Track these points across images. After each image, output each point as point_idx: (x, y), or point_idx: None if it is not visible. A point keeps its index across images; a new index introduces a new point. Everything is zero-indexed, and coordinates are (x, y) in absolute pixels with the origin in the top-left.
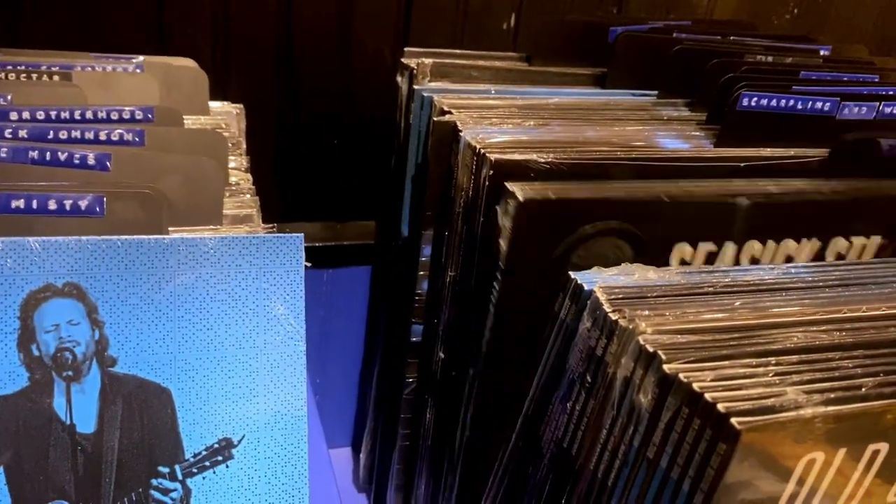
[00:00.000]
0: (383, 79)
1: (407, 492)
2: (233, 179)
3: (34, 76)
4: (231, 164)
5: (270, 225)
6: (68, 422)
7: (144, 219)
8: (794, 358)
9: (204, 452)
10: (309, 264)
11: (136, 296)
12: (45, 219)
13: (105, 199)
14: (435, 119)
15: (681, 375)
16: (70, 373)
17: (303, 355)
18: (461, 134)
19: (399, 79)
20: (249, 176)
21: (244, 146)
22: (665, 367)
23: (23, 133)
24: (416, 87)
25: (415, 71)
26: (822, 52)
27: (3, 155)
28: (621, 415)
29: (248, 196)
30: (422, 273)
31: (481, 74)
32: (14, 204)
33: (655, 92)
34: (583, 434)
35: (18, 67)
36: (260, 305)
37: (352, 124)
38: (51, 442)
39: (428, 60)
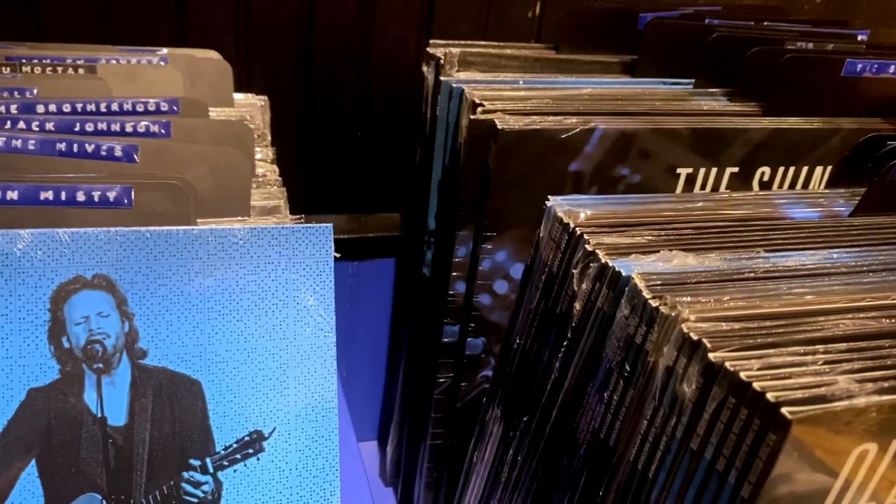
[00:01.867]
0: (407, 69)
1: (437, 489)
2: (259, 171)
3: (59, 69)
4: (257, 156)
5: (298, 216)
6: (99, 414)
7: (172, 210)
8: (843, 346)
9: (235, 445)
10: (338, 255)
11: (165, 287)
12: (73, 210)
13: (133, 190)
14: (472, 118)
15: (727, 364)
16: (100, 365)
17: (333, 346)
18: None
19: (425, 69)
20: (275, 167)
21: (269, 138)
22: (710, 355)
23: (49, 126)
24: (443, 77)
25: (441, 61)
26: (860, 38)
27: (31, 147)
28: (663, 405)
29: (275, 187)
30: (456, 274)
31: (509, 63)
32: (43, 196)
33: (690, 80)
34: (621, 425)
35: (44, 61)
36: (289, 296)
37: (376, 116)
38: (82, 435)
39: (455, 49)
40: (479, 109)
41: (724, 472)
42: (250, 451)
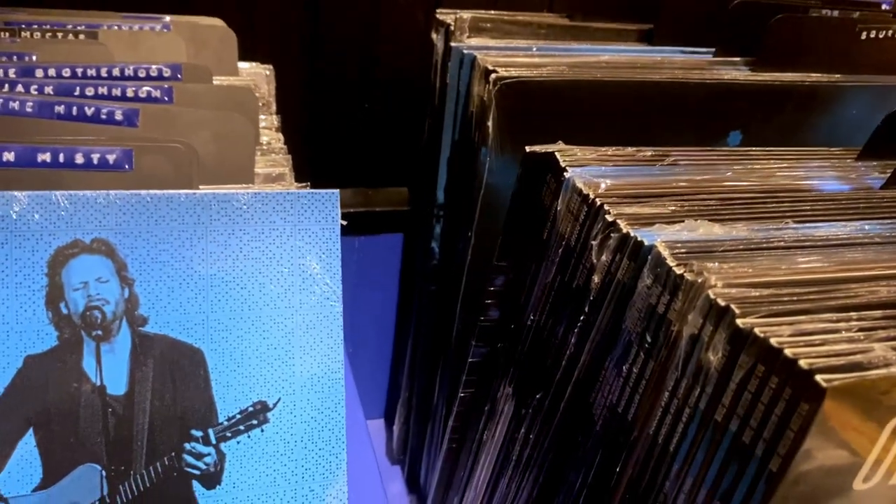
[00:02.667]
0: (416, 38)
1: (444, 468)
2: (264, 139)
3: (59, 35)
4: (262, 124)
5: (304, 183)
6: (98, 383)
7: (174, 174)
8: (878, 313)
9: (238, 416)
10: (345, 222)
11: (166, 253)
12: (72, 173)
13: (134, 152)
14: (528, 150)
15: (756, 330)
16: (99, 332)
17: (339, 316)
18: None
19: (434, 36)
20: (280, 135)
21: (274, 106)
22: (738, 321)
23: (48, 90)
24: (453, 44)
25: (451, 27)
26: (883, 7)
27: (29, 109)
28: (686, 375)
29: (280, 155)
30: (490, 301)
31: (521, 30)
32: (40, 158)
33: (710, 49)
34: (641, 398)
35: (44, 26)
36: (295, 264)
37: (383, 86)
38: (81, 403)
39: (466, 15)
40: (490, 73)
41: (751, 445)
42: (254, 422)
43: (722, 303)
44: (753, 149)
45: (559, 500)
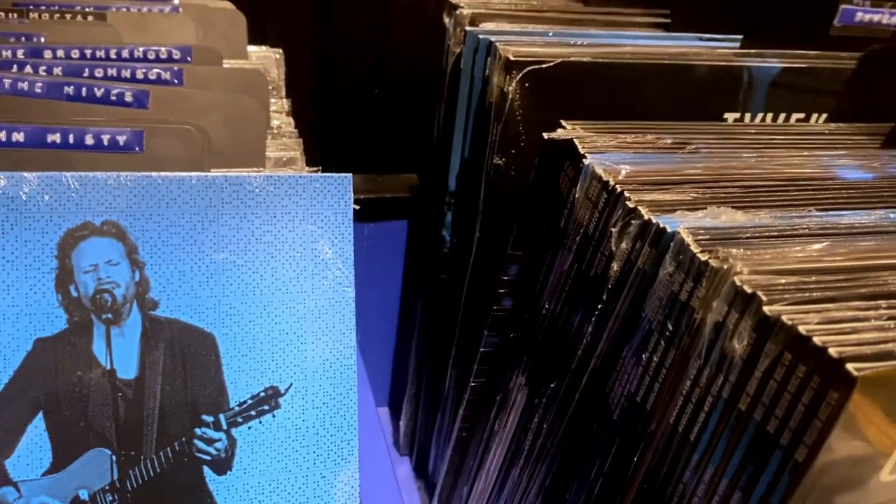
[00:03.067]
0: (428, 22)
1: (453, 459)
2: (274, 123)
3: (68, 16)
4: (272, 107)
5: (315, 167)
6: (108, 367)
7: (185, 156)
8: None
9: (250, 401)
10: (357, 206)
11: (177, 236)
12: (81, 154)
13: (144, 134)
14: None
15: (783, 317)
16: (109, 315)
17: (352, 302)
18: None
19: (446, 20)
20: (291, 119)
21: (284, 91)
22: (765, 308)
23: (57, 70)
24: (468, 28)
25: (463, 11)
26: None
27: (38, 90)
28: (709, 364)
29: (291, 139)
30: (503, 291)
31: (535, 15)
32: (50, 138)
33: (736, 37)
34: (661, 387)
35: (52, 8)
36: (307, 248)
37: (394, 72)
38: (90, 387)
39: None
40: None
41: (776, 434)
42: (265, 407)
43: (748, 290)
44: (776, 137)
45: (573, 489)
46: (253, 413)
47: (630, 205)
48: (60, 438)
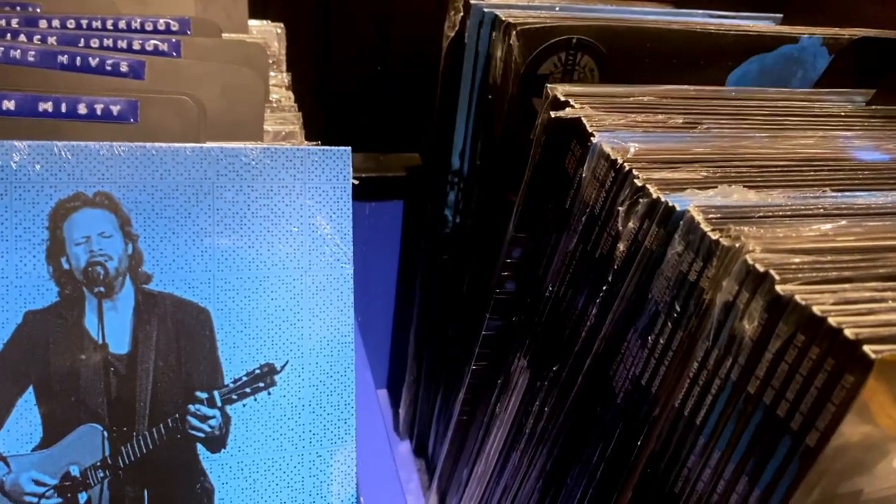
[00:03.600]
0: None
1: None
2: (274, 96)
3: None
4: (271, 81)
5: (315, 142)
6: (100, 341)
7: (180, 128)
8: None
9: (245, 378)
10: (356, 181)
11: (172, 209)
12: (74, 124)
13: (139, 104)
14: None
15: (797, 297)
16: (102, 289)
17: (350, 279)
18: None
19: None
20: (291, 94)
21: (285, 65)
22: (778, 288)
23: (52, 40)
24: (473, 1)
25: None
26: None
27: (31, 59)
28: (717, 345)
29: (290, 113)
30: (506, 274)
31: None
32: (42, 107)
33: (768, 15)
34: (666, 369)
35: None
36: (305, 223)
37: (397, 48)
38: (82, 362)
39: None
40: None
41: (786, 418)
42: (261, 384)
43: (760, 268)
44: (789, 118)
45: (574, 473)
46: (248, 390)
47: (638, 183)
48: (51, 413)
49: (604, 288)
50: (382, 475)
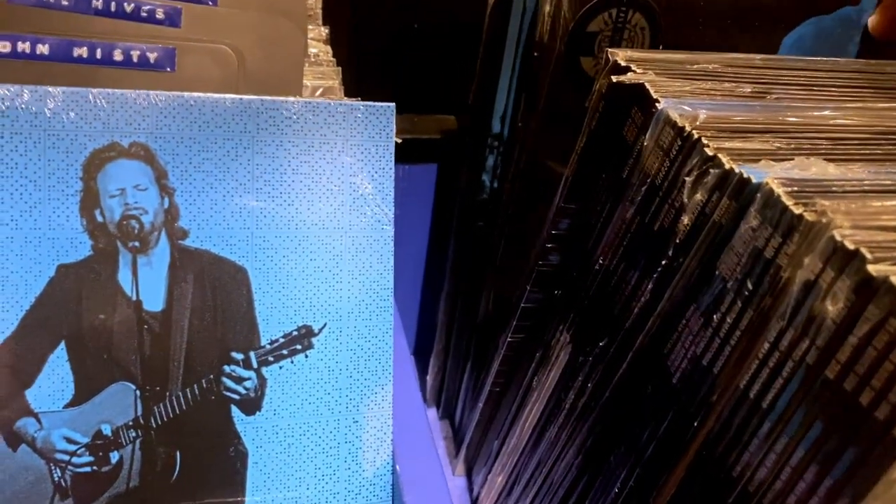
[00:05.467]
0: None
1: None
2: (312, 50)
3: None
4: (309, 35)
5: (356, 98)
6: (134, 297)
7: (219, 78)
8: None
9: (282, 340)
10: (399, 140)
11: (210, 162)
12: (109, 71)
13: (176, 52)
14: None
15: (892, 279)
16: (136, 243)
17: (391, 240)
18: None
19: None
20: (329, 48)
21: (321, 19)
22: (869, 267)
23: None
24: None
25: None
26: None
27: (65, 3)
28: (793, 326)
29: (329, 67)
30: (551, 245)
31: None
32: (76, 52)
33: None
34: (732, 349)
35: None
36: (346, 182)
37: (434, 4)
38: (115, 318)
39: None
40: None
41: (870, 407)
42: (298, 347)
43: (850, 246)
44: (863, 89)
45: (620, 451)
46: (285, 352)
47: (709, 153)
48: (83, 370)
49: (663, 263)
50: (418, 443)
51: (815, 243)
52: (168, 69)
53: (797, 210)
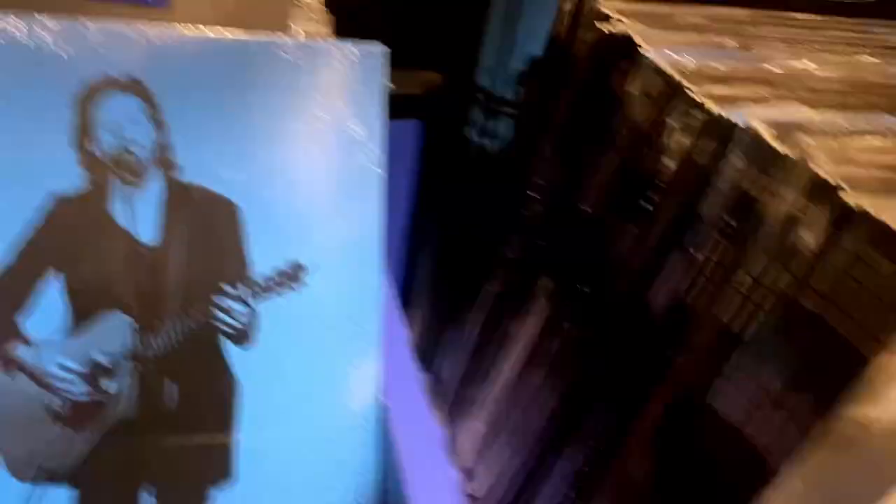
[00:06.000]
0: None
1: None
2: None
3: None
4: None
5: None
6: (128, 230)
7: (212, 15)
8: None
9: (274, 275)
10: (392, 86)
11: (203, 99)
12: (98, 5)
13: None
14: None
15: (869, 209)
16: (130, 176)
17: (381, 182)
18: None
19: None
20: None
21: None
22: (848, 199)
23: None
24: None
25: None
26: None
27: None
28: (774, 259)
29: (320, 14)
30: None
31: None
32: None
33: None
34: (714, 287)
35: None
36: (337, 123)
37: None
38: (109, 250)
39: None
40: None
41: (847, 336)
42: (290, 283)
43: (831, 180)
44: (846, 45)
45: (600, 392)
46: (276, 287)
47: (697, 98)
48: (78, 300)
49: (649, 206)
50: (407, 392)
51: (797, 180)
52: (161, 2)
53: (779, 148)
